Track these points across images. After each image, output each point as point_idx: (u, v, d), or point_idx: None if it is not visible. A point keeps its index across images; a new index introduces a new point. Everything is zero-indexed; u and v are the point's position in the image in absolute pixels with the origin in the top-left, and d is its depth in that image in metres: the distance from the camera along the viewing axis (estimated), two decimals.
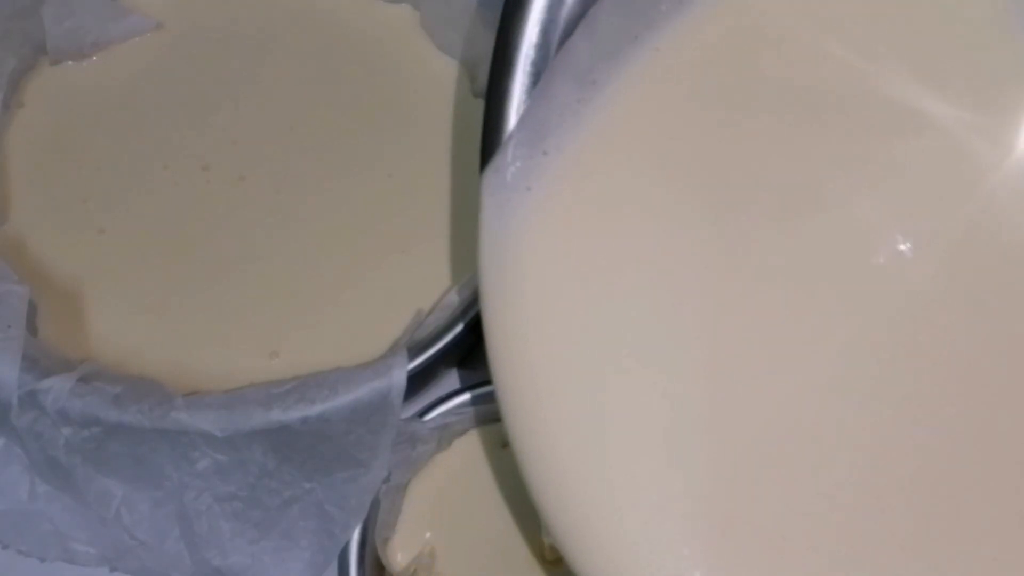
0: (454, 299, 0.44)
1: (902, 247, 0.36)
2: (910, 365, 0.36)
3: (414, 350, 0.42)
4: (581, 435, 0.35)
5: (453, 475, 0.46)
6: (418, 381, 0.44)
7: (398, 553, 0.45)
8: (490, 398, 0.46)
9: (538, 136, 0.36)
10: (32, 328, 0.44)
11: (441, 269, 0.46)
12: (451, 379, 0.48)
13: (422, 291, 0.46)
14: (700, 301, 0.36)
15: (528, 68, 0.37)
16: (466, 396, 0.46)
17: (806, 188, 0.37)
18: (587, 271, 0.36)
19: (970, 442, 0.36)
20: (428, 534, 0.45)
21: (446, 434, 0.46)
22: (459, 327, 0.43)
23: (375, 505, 0.44)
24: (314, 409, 0.41)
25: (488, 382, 0.46)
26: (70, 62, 0.50)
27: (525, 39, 0.37)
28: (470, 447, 0.46)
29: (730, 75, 0.38)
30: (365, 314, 0.46)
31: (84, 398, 0.40)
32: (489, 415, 0.46)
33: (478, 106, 0.49)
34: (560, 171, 0.36)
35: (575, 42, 0.36)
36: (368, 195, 0.48)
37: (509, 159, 0.36)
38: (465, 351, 0.48)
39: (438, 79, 0.50)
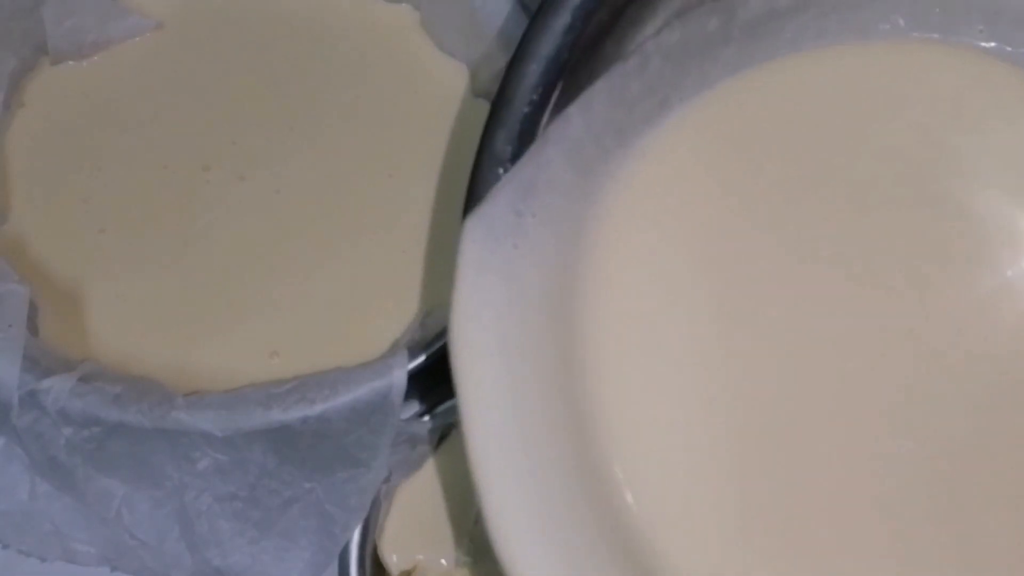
0: None
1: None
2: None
3: (414, 350, 0.42)
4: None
5: (450, 474, 0.46)
6: (418, 381, 0.44)
7: (397, 553, 0.45)
8: None
9: (526, 196, 0.37)
10: (32, 328, 0.44)
11: (441, 269, 0.46)
12: (451, 379, 0.48)
13: (422, 291, 0.46)
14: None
15: (521, 125, 0.38)
16: None
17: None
18: (546, 344, 0.37)
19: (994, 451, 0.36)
20: (427, 534, 0.45)
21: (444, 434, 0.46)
22: None
23: (375, 505, 0.44)
24: (314, 409, 0.41)
25: None
26: (70, 62, 0.50)
27: (524, 94, 0.37)
28: (464, 446, 0.46)
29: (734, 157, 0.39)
30: (365, 314, 0.46)
31: (84, 398, 0.40)
32: None
33: (478, 106, 0.49)
34: (544, 238, 0.37)
35: (571, 113, 0.37)
36: (368, 195, 0.48)
37: (496, 212, 0.37)
38: None
39: (438, 79, 0.50)
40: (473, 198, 0.37)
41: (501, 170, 0.37)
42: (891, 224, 0.39)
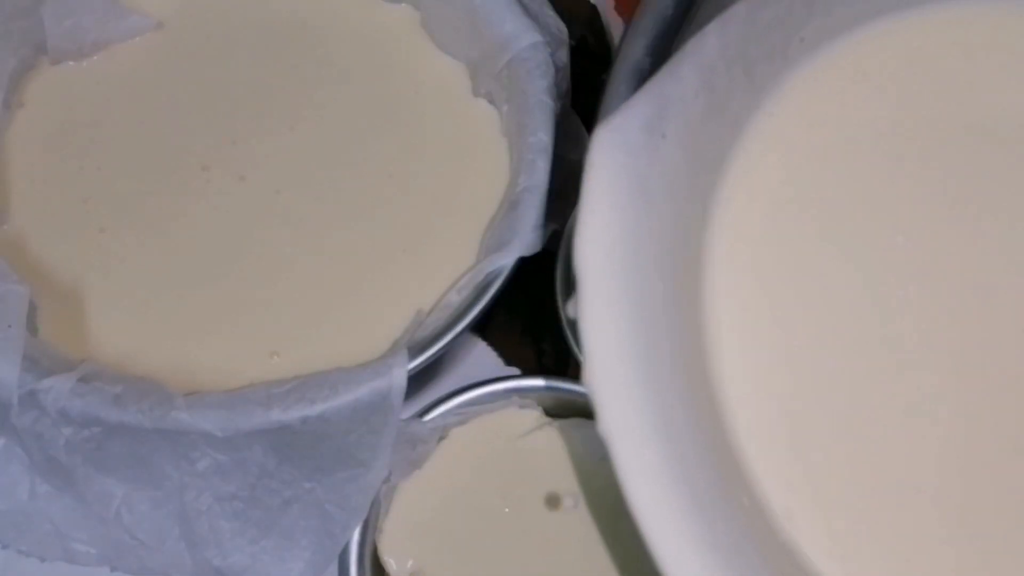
0: (454, 299, 0.44)
1: None
2: None
3: (414, 350, 0.42)
4: None
5: (449, 474, 0.46)
6: (418, 381, 0.44)
7: (398, 553, 0.45)
8: (490, 398, 0.46)
9: (660, 114, 0.34)
10: (32, 328, 0.44)
11: (441, 269, 0.46)
12: (451, 379, 0.48)
13: (422, 291, 0.46)
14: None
15: (660, 35, 0.36)
16: (466, 396, 0.46)
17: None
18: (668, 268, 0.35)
19: None
20: (427, 535, 0.45)
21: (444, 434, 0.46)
22: (459, 327, 0.43)
23: (375, 505, 0.44)
24: (314, 409, 0.41)
25: (487, 381, 0.46)
26: (70, 62, 0.50)
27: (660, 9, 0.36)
28: (465, 445, 0.46)
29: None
30: (365, 314, 0.46)
31: (84, 398, 0.40)
32: (483, 412, 0.46)
33: (478, 106, 0.49)
34: (675, 160, 0.35)
35: (708, 32, 0.35)
36: (368, 195, 0.48)
37: (629, 126, 0.33)
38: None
39: (438, 79, 0.50)
40: (606, 107, 0.35)
41: (637, 82, 0.35)
42: None
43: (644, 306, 0.33)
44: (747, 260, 0.38)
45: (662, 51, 0.35)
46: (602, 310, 0.32)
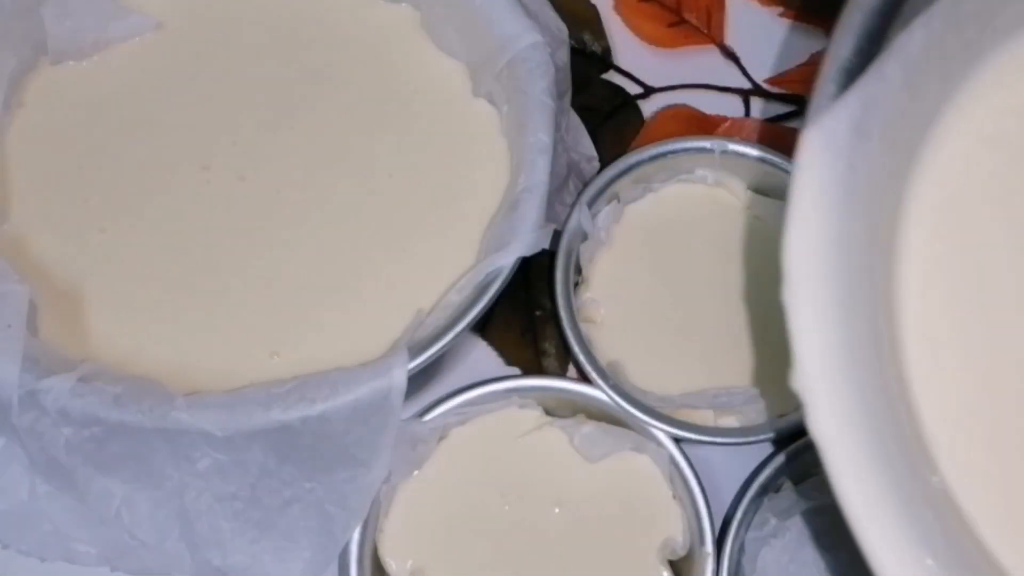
0: (454, 299, 0.44)
1: None
2: None
3: (414, 350, 0.42)
4: None
5: (449, 474, 0.46)
6: (418, 381, 0.44)
7: (398, 553, 0.45)
8: (490, 398, 0.46)
9: (866, 116, 0.35)
10: (32, 328, 0.44)
11: (441, 269, 0.46)
12: (451, 379, 0.48)
13: (422, 291, 0.46)
14: None
15: (868, 34, 0.35)
16: (466, 396, 0.46)
17: None
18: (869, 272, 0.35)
19: None
20: (427, 535, 0.45)
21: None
22: (459, 327, 0.43)
23: (375, 505, 0.44)
24: (314, 409, 0.41)
25: (487, 381, 0.46)
26: (70, 62, 0.50)
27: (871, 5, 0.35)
28: (465, 445, 0.46)
29: None
30: (365, 314, 0.46)
31: (84, 398, 0.40)
32: (483, 412, 0.46)
33: (478, 106, 0.49)
34: (880, 162, 0.35)
35: (914, 27, 0.35)
36: (368, 195, 0.48)
37: (837, 127, 0.34)
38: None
39: (438, 79, 0.50)
40: (815, 107, 0.35)
41: (844, 81, 0.35)
42: None
43: (849, 308, 0.34)
44: (941, 256, 0.38)
45: (869, 50, 0.35)
46: (811, 314, 0.33)
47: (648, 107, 0.55)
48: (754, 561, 0.45)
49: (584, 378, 0.47)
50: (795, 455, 0.46)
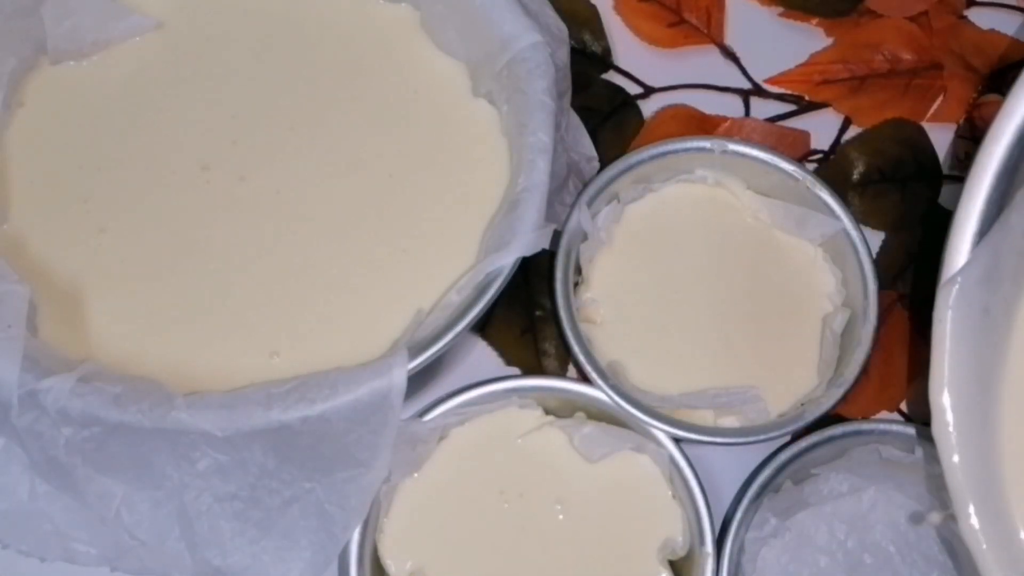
0: (454, 299, 0.44)
1: None
2: None
3: (414, 350, 0.42)
4: None
5: (449, 474, 0.46)
6: (418, 381, 0.44)
7: (398, 553, 0.45)
8: (490, 398, 0.46)
9: (996, 266, 0.40)
10: (32, 328, 0.44)
11: (441, 269, 0.46)
12: (451, 379, 0.48)
13: (422, 291, 0.45)
14: None
15: (994, 192, 0.41)
16: (466, 396, 0.46)
17: None
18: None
19: None
20: (427, 535, 0.45)
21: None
22: (459, 327, 0.43)
23: (375, 505, 0.44)
24: (314, 409, 0.41)
25: (487, 381, 0.46)
26: (70, 62, 0.50)
27: (991, 171, 0.41)
28: (465, 445, 0.46)
29: None
30: (365, 314, 0.46)
31: (84, 398, 0.40)
32: (483, 412, 0.46)
33: (478, 106, 0.49)
34: (1010, 306, 0.41)
35: None
36: (368, 195, 0.48)
37: (969, 283, 0.40)
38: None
39: (438, 79, 0.50)
40: (948, 266, 0.41)
41: (975, 238, 0.41)
42: None
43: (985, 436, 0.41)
44: None
45: (993, 213, 0.41)
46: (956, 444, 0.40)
47: (648, 107, 0.55)
48: (754, 561, 0.45)
49: (584, 378, 0.47)
50: (795, 455, 0.46)
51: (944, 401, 0.40)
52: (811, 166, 0.54)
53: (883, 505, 0.45)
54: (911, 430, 0.46)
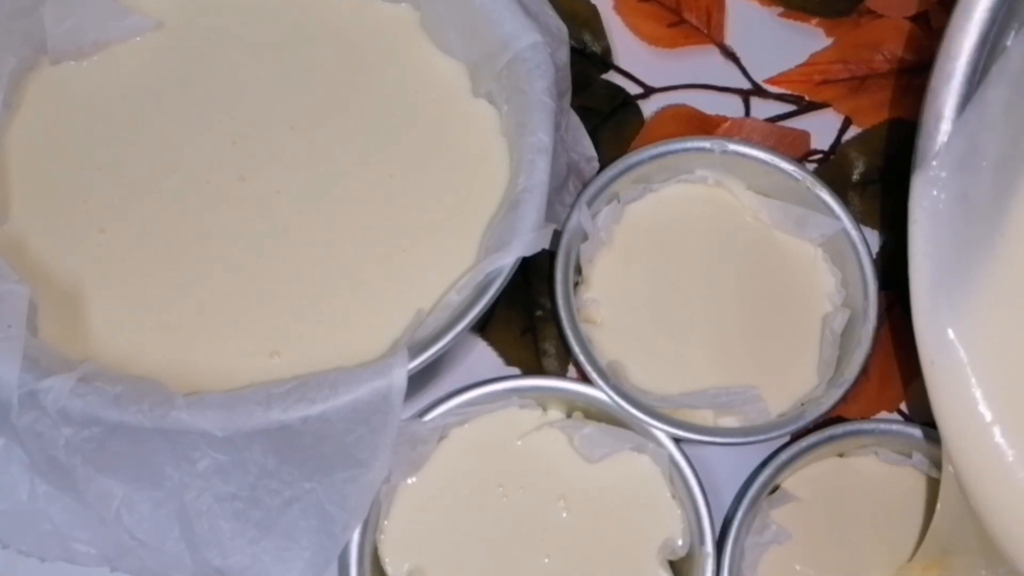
0: (454, 299, 0.44)
1: None
2: None
3: (414, 350, 0.42)
4: None
5: (449, 474, 0.46)
6: (418, 381, 0.44)
7: (398, 553, 0.45)
8: (490, 398, 0.46)
9: (972, 151, 0.38)
10: (32, 328, 0.44)
11: (441, 269, 0.46)
12: (451, 379, 0.48)
13: (422, 291, 0.46)
14: None
15: (964, 77, 0.38)
16: (466, 396, 0.46)
17: None
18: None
19: None
20: (427, 535, 0.45)
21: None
22: (459, 327, 0.43)
23: (375, 505, 0.44)
24: (314, 409, 0.41)
25: (487, 381, 0.46)
26: (70, 62, 0.50)
27: (965, 47, 0.38)
28: (465, 445, 0.46)
29: None
30: (365, 314, 0.46)
31: (84, 398, 0.40)
32: (483, 412, 0.46)
33: (478, 106, 0.49)
34: (987, 191, 0.38)
35: (1013, 48, 0.38)
36: (368, 195, 0.48)
37: (943, 169, 0.38)
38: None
39: (438, 79, 0.50)
40: (921, 153, 0.38)
41: (945, 127, 0.38)
42: None
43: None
44: None
45: (967, 95, 0.39)
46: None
47: (648, 107, 0.55)
48: (754, 566, 0.45)
49: (584, 378, 0.47)
50: (795, 455, 0.46)
51: (924, 297, 0.38)
52: (811, 166, 0.54)
53: None
54: (911, 430, 0.46)
